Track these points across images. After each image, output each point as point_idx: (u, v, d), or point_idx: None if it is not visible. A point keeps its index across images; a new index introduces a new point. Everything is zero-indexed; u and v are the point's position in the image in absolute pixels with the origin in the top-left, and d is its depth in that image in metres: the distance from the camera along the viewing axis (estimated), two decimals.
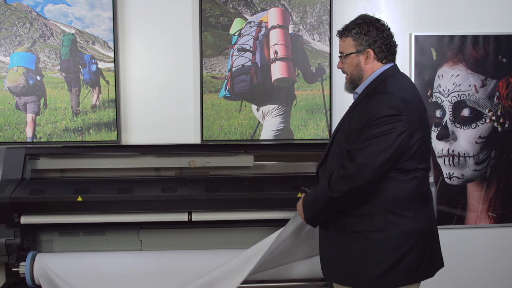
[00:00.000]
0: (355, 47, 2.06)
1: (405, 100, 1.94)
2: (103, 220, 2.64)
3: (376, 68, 2.06)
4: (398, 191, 1.95)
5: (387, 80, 2.01)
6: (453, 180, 3.09)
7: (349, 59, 2.09)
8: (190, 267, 2.65)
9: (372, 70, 2.06)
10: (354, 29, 2.06)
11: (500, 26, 3.07)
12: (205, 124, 2.92)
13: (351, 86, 2.12)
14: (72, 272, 2.61)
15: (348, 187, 1.91)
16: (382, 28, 2.06)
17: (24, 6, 2.83)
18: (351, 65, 2.09)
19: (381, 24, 2.07)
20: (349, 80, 2.13)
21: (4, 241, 2.64)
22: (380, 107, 1.92)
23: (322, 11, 2.94)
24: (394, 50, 2.10)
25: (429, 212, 2.05)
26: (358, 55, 2.06)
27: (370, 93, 2.01)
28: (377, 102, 1.93)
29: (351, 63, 2.08)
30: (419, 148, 1.96)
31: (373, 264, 1.96)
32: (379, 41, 2.04)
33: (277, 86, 2.93)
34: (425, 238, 2.01)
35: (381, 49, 2.05)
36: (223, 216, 2.66)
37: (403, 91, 1.99)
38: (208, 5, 2.90)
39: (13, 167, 2.73)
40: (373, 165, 1.88)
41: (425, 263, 2.01)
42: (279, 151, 2.97)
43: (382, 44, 2.04)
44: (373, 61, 2.06)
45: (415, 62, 3.03)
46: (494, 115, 3.07)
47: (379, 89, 1.98)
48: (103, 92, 2.87)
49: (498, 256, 3.17)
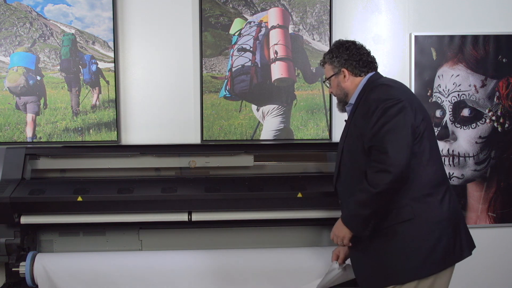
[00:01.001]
0: (332, 70, 2.26)
1: (398, 88, 2.09)
2: (103, 220, 2.63)
3: (357, 81, 2.22)
4: (419, 178, 2.01)
5: (377, 81, 2.17)
6: (453, 180, 3.09)
7: (331, 82, 2.27)
8: (190, 267, 2.65)
9: (354, 84, 2.22)
10: (328, 55, 2.27)
11: (500, 26, 3.07)
12: (205, 124, 2.92)
13: (341, 105, 2.29)
14: (72, 272, 2.61)
15: (391, 177, 1.91)
16: (351, 47, 2.23)
17: (24, 6, 2.83)
18: (334, 87, 2.27)
19: (351, 44, 2.24)
20: (338, 100, 2.30)
21: (4, 241, 2.64)
22: (379, 95, 2.04)
23: (322, 11, 2.94)
24: (370, 64, 2.24)
25: (450, 195, 2.09)
26: (336, 76, 2.24)
27: (363, 96, 2.14)
28: (375, 93, 2.06)
29: (333, 85, 2.27)
30: (426, 129, 2.04)
31: (408, 256, 2.00)
32: (350, 59, 2.21)
33: (277, 86, 2.93)
34: (452, 220, 2.06)
35: (353, 65, 2.21)
36: (223, 216, 2.66)
37: (395, 82, 2.16)
38: (208, 5, 2.90)
39: (13, 167, 2.73)
40: (403, 147, 1.93)
41: (458, 243, 2.07)
42: (279, 151, 2.97)
43: (353, 61, 2.21)
44: (350, 78, 2.22)
45: (415, 62, 3.03)
46: (494, 115, 3.07)
47: (373, 87, 2.12)
48: (103, 92, 2.87)
49: (498, 256, 3.17)
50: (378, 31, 3.04)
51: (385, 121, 1.96)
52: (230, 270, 2.65)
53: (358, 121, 2.10)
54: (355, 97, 2.20)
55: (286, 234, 2.87)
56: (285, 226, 2.85)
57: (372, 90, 2.09)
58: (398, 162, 1.91)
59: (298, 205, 2.61)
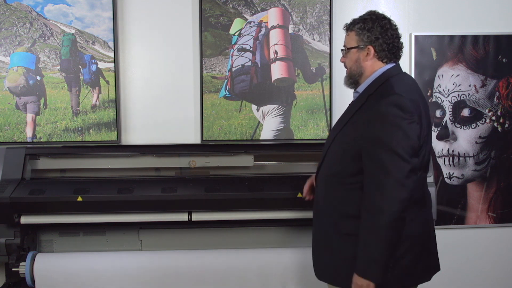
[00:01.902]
0: (357, 42, 2.02)
1: (412, 101, 1.90)
2: (103, 220, 2.63)
3: (377, 67, 2.02)
4: None
5: (391, 80, 1.97)
6: (453, 180, 3.09)
7: (350, 53, 2.05)
8: (190, 267, 2.65)
9: (373, 68, 2.02)
10: (359, 24, 2.03)
11: (500, 26, 3.07)
12: (205, 124, 2.92)
13: (350, 81, 2.08)
14: (72, 272, 2.61)
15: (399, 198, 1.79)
16: (387, 26, 2.02)
17: (24, 6, 2.83)
18: (351, 60, 2.05)
19: (388, 22, 2.03)
20: (348, 74, 2.09)
21: (4, 241, 2.64)
22: (389, 108, 1.85)
23: (322, 11, 2.94)
24: (397, 51, 2.05)
25: (427, 216, 2.02)
26: (359, 50, 2.03)
27: (374, 93, 1.96)
28: (386, 104, 1.86)
29: (351, 58, 2.05)
30: (422, 147, 1.93)
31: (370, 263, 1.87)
32: (381, 39, 2.00)
33: (277, 86, 2.93)
34: (421, 241, 1.97)
35: (382, 47, 2.00)
36: (223, 216, 2.66)
37: (409, 92, 1.94)
38: (208, 5, 2.90)
39: (13, 167, 2.73)
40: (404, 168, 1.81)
41: (421, 266, 1.98)
42: (279, 151, 2.97)
43: (384, 43, 2.00)
44: (373, 59, 2.02)
45: (415, 62, 3.03)
46: (494, 115, 3.07)
47: (385, 91, 1.92)
48: (103, 92, 2.87)
49: (498, 256, 3.18)
50: None
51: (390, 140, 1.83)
52: (230, 270, 2.65)
53: (358, 125, 1.94)
54: (366, 85, 2.01)
55: (286, 234, 2.87)
56: (285, 226, 2.85)
57: (385, 97, 1.88)
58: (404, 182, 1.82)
59: (298, 205, 2.60)
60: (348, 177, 1.98)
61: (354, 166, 1.95)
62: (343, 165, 1.99)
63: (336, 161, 2.02)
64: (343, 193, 1.99)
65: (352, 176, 1.96)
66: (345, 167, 1.98)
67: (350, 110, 2.04)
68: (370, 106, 1.93)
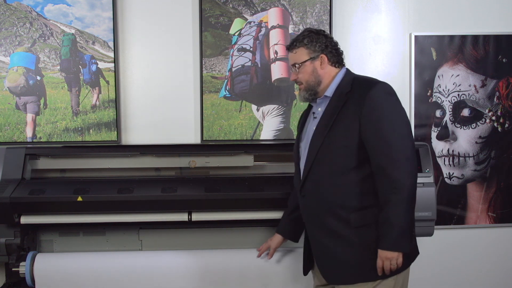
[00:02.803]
0: (308, 54, 2.15)
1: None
2: (103, 220, 2.63)
3: (333, 72, 2.16)
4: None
5: (359, 77, 2.14)
6: (453, 180, 3.09)
7: (304, 67, 2.16)
8: (190, 267, 2.65)
9: (330, 74, 2.16)
10: (305, 39, 2.16)
11: (500, 26, 3.07)
12: (205, 124, 2.92)
13: (309, 93, 2.18)
14: (72, 272, 2.61)
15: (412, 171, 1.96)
16: (328, 36, 2.20)
17: (24, 6, 2.83)
18: (307, 73, 2.16)
19: (327, 33, 2.21)
20: (305, 88, 2.18)
21: (4, 241, 2.64)
22: (383, 95, 2.02)
23: (322, 11, 2.94)
24: (341, 55, 2.21)
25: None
26: (312, 61, 2.15)
27: (352, 90, 2.07)
28: (379, 92, 2.01)
29: (306, 71, 2.16)
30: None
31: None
32: (330, 46, 2.16)
33: (277, 86, 2.93)
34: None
35: (332, 53, 2.16)
36: (223, 216, 2.66)
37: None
38: (208, 5, 2.90)
39: (13, 167, 2.72)
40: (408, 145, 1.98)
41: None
42: (279, 151, 2.97)
43: (332, 49, 2.17)
44: (327, 66, 2.16)
45: (415, 62, 3.03)
46: (494, 115, 3.07)
47: (367, 83, 2.06)
48: (103, 92, 2.87)
49: (498, 256, 3.18)
50: (378, 31, 3.04)
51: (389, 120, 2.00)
52: (230, 270, 2.65)
53: (346, 119, 2.04)
54: (332, 89, 2.14)
55: None
56: None
57: (372, 87, 2.02)
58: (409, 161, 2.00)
59: None
60: (352, 170, 2.04)
61: (357, 159, 2.02)
62: (347, 159, 2.05)
63: (336, 160, 2.06)
64: (349, 188, 2.04)
65: (355, 168, 2.04)
66: (347, 163, 2.05)
67: (329, 113, 2.11)
68: (359, 100, 2.03)
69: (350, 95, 2.07)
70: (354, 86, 2.09)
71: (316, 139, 2.12)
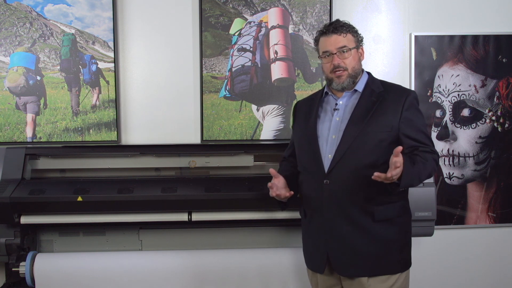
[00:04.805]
0: (355, 43, 2.18)
1: None
2: (103, 220, 2.64)
3: (361, 68, 2.23)
4: None
5: (387, 82, 2.25)
6: (453, 180, 3.09)
7: (354, 53, 2.18)
8: (190, 267, 2.65)
9: (361, 69, 2.22)
10: (351, 27, 2.19)
11: (500, 26, 3.07)
12: (205, 124, 2.92)
13: (351, 80, 2.18)
14: (72, 272, 2.61)
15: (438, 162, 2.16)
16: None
17: (24, 6, 2.83)
18: (355, 59, 2.18)
19: None
20: (349, 75, 2.17)
21: (4, 241, 2.65)
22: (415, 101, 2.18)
23: (322, 11, 2.94)
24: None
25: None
26: (357, 51, 2.19)
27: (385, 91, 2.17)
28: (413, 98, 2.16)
29: (354, 57, 2.18)
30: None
31: (403, 247, 2.17)
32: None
33: (277, 86, 2.93)
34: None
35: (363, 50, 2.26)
36: (223, 216, 2.66)
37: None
38: (208, 5, 2.90)
39: (13, 167, 2.73)
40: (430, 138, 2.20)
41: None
42: (279, 151, 2.97)
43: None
44: (361, 61, 2.23)
45: (415, 62, 3.03)
46: (494, 115, 3.07)
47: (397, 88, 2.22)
48: (103, 92, 2.87)
49: (498, 256, 3.17)
50: (378, 31, 3.04)
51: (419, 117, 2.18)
52: (230, 270, 2.65)
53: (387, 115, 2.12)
54: (362, 83, 2.20)
55: (286, 234, 2.87)
56: (285, 226, 2.85)
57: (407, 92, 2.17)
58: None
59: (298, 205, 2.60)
60: (381, 166, 2.06)
61: (386, 156, 2.03)
62: (378, 154, 2.10)
63: (369, 154, 2.10)
64: (377, 183, 2.02)
65: (384, 165, 2.04)
66: (379, 158, 2.10)
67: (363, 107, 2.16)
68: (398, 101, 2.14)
69: (384, 95, 2.15)
70: (386, 88, 2.18)
71: (351, 129, 2.13)
